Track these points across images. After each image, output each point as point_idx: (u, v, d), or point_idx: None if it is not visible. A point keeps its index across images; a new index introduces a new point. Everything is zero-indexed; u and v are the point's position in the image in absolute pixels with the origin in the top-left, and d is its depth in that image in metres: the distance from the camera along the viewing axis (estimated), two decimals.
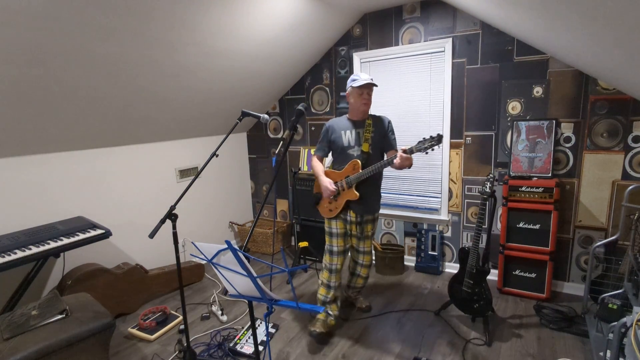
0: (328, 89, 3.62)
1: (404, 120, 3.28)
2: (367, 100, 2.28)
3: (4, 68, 1.79)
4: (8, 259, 1.92)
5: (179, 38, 2.27)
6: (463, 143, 3.05)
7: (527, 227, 2.68)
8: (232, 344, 2.28)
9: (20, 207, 2.38)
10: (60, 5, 1.66)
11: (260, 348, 2.25)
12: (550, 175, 2.67)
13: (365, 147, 2.30)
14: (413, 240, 3.44)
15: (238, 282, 1.41)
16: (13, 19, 1.61)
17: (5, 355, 1.61)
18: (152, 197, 3.18)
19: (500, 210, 2.86)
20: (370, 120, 2.33)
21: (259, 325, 2.51)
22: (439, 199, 3.24)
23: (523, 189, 2.64)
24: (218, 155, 2.04)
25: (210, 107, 3.24)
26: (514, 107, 2.82)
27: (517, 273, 2.79)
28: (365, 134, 2.31)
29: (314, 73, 3.66)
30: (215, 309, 2.72)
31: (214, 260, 1.39)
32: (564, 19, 1.71)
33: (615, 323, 1.51)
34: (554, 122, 2.66)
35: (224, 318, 2.64)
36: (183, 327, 2.36)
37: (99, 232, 2.34)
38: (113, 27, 1.92)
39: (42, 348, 1.69)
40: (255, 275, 1.31)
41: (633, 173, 2.53)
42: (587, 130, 2.62)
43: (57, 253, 2.12)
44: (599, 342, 2.06)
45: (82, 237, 2.25)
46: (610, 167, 2.58)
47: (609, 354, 1.68)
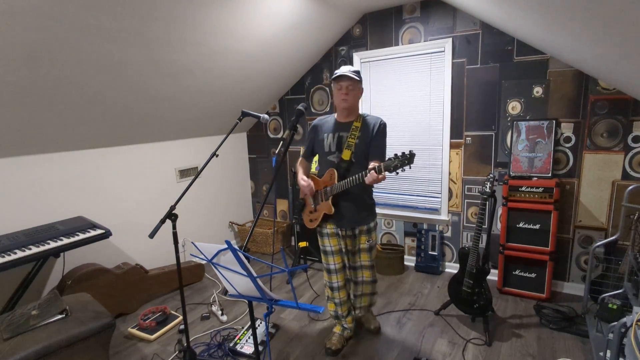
0: (328, 89, 3.62)
1: (404, 121, 3.27)
2: (345, 96, 1.95)
3: (4, 68, 1.79)
4: (8, 259, 1.92)
5: (179, 38, 2.27)
6: (463, 143, 3.05)
7: (527, 227, 2.68)
8: (232, 344, 2.28)
9: (20, 207, 2.38)
10: (60, 6, 1.66)
11: (260, 348, 2.25)
12: (550, 175, 2.67)
13: (346, 154, 2.00)
14: (413, 240, 3.43)
15: (238, 282, 1.41)
16: (13, 19, 1.61)
17: (5, 355, 1.61)
18: (152, 197, 3.18)
19: (500, 210, 2.86)
20: (359, 123, 2.02)
21: (259, 325, 2.51)
22: (439, 199, 3.24)
23: (523, 189, 2.64)
24: (218, 155, 2.04)
25: (210, 107, 3.24)
26: (514, 107, 2.82)
27: (517, 273, 2.79)
28: (349, 139, 2.00)
29: (314, 73, 3.66)
30: (215, 309, 2.72)
31: (214, 260, 1.38)
32: (564, 19, 1.71)
33: (615, 323, 1.51)
34: (554, 122, 2.66)
35: (224, 318, 2.64)
36: (183, 327, 2.36)
37: (99, 232, 2.34)
38: (113, 27, 1.92)
39: (42, 348, 1.69)
40: (255, 275, 1.31)
41: (633, 173, 2.53)
42: (587, 130, 2.62)
43: (57, 253, 2.12)
44: (599, 342, 2.06)
45: (82, 237, 2.25)
46: (610, 167, 2.58)
47: (609, 354, 1.68)
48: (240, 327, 2.54)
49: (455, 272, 2.49)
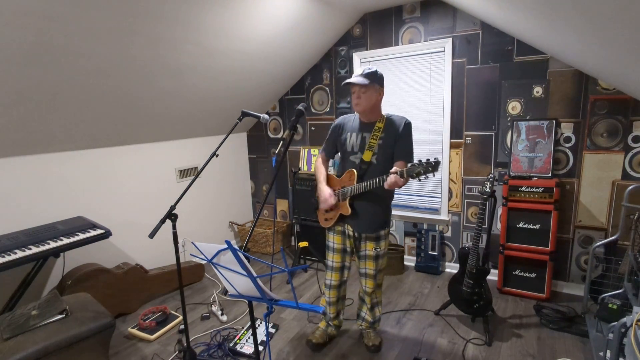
0: (328, 89, 3.62)
1: None
2: (357, 100, 1.94)
3: (5, 68, 1.79)
4: (8, 259, 1.92)
5: (180, 38, 2.27)
6: (463, 143, 3.05)
7: (527, 227, 2.68)
8: (232, 344, 2.28)
9: (20, 207, 2.38)
10: (62, 6, 1.66)
11: (260, 348, 2.25)
12: (550, 175, 2.67)
13: (367, 155, 1.96)
14: (413, 240, 3.43)
15: (238, 282, 1.41)
16: (14, 19, 1.61)
17: (5, 355, 1.61)
18: (152, 197, 3.18)
19: (500, 210, 2.86)
20: (382, 124, 1.96)
21: (259, 325, 2.51)
22: (439, 199, 3.24)
23: (523, 189, 2.64)
24: (218, 155, 2.04)
25: (210, 107, 3.24)
26: (514, 107, 2.82)
27: (517, 273, 2.79)
28: (371, 140, 1.96)
29: (314, 73, 3.66)
30: (215, 309, 2.72)
31: (214, 260, 1.38)
32: (564, 19, 1.71)
33: (615, 323, 1.51)
34: (554, 122, 2.66)
35: (224, 318, 2.64)
36: (183, 327, 2.36)
37: (99, 232, 2.34)
38: (113, 27, 1.92)
39: (42, 348, 1.69)
40: (255, 275, 1.31)
41: (633, 173, 2.53)
42: (587, 130, 2.62)
43: (57, 253, 2.12)
44: (599, 342, 2.06)
45: (82, 237, 2.25)
46: (610, 167, 2.58)
47: (609, 354, 1.68)
48: (240, 327, 2.54)
49: (455, 272, 2.49)
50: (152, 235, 1.73)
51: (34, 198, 2.44)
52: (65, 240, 2.18)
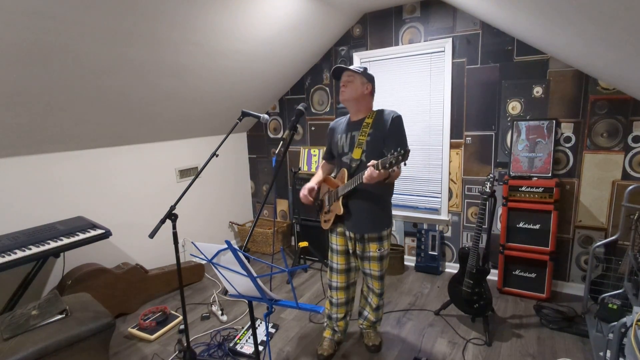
0: (328, 89, 3.62)
1: (404, 121, 3.26)
2: (342, 88, 1.90)
3: (5, 68, 1.79)
4: (8, 259, 1.92)
5: (180, 38, 2.27)
6: (463, 143, 3.05)
7: (527, 227, 2.68)
8: (232, 344, 2.28)
9: (20, 207, 2.38)
10: (62, 6, 1.66)
11: (260, 348, 2.25)
12: (550, 175, 2.66)
13: (357, 153, 1.91)
14: (413, 240, 3.43)
15: (238, 282, 1.41)
16: (14, 20, 1.61)
17: (5, 355, 1.61)
18: (152, 197, 3.18)
19: (500, 210, 2.86)
20: (370, 119, 1.92)
21: (259, 325, 2.51)
22: (439, 199, 3.24)
23: (523, 189, 2.64)
24: (218, 155, 2.04)
25: (210, 107, 3.24)
26: (514, 107, 2.82)
27: (517, 273, 2.79)
28: (360, 137, 1.91)
29: (314, 73, 3.66)
30: (215, 309, 2.72)
31: (214, 260, 1.38)
32: (564, 19, 1.71)
33: (615, 323, 1.51)
34: (554, 122, 2.66)
35: (224, 318, 2.64)
36: (183, 327, 2.36)
37: (99, 232, 2.34)
38: (113, 27, 1.92)
39: (42, 348, 1.69)
40: (255, 275, 1.31)
41: (633, 173, 2.53)
42: (587, 130, 2.62)
43: (57, 253, 2.12)
44: (599, 342, 2.06)
45: (82, 237, 2.25)
46: (610, 167, 2.58)
47: (609, 354, 1.68)
48: (240, 327, 2.54)
49: (455, 272, 2.49)
50: (152, 235, 1.73)
51: (34, 198, 2.44)
52: (65, 240, 2.18)
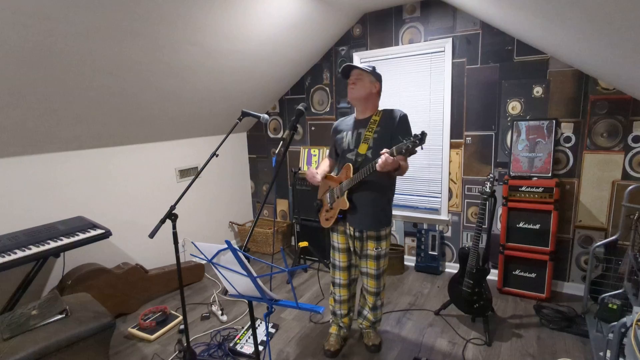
0: (328, 89, 3.62)
1: None
2: (352, 85, 1.94)
3: (5, 68, 1.79)
4: (8, 259, 1.92)
5: (180, 38, 2.27)
6: (463, 143, 3.05)
7: (527, 227, 2.68)
8: (232, 344, 2.28)
9: (20, 207, 2.38)
10: (58, 5, 1.66)
11: (260, 348, 2.25)
12: (550, 175, 2.66)
13: (363, 148, 1.93)
14: (413, 240, 3.43)
15: (238, 282, 1.41)
16: (14, 20, 1.61)
17: (5, 355, 1.61)
18: (152, 197, 3.18)
19: (500, 210, 2.86)
20: (378, 117, 1.94)
21: (259, 325, 2.51)
22: (439, 199, 3.24)
23: (523, 189, 2.64)
24: (218, 155, 2.03)
25: (211, 106, 3.24)
26: (514, 107, 2.82)
27: (517, 273, 2.79)
28: (367, 133, 1.94)
29: (314, 73, 3.66)
30: (215, 309, 2.72)
31: (214, 260, 1.38)
32: (564, 19, 1.71)
33: (615, 323, 1.51)
34: (554, 122, 2.66)
35: (224, 318, 2.64)
36: (183, 327, 2.36)
37: (99, 232, 2.34)
38: (113, 27, 1.92)
39: (42, 348, 1.69)
40: (255, 275, 1.31)
41: (633, 173, 2.53)
42: (587, 130, 2.62)
43: (57, 253, 2.12)
44: (599, 342, 2.06)
45: (82, 237, 2.25)
46: (610, 167, 2.58)
47: (609, 354, 1.68)
48: (240, 327, 2.54)
49: (455, 272, 2.49)
50: (152, 235, 1.72)
51: (34, 198, 2.44)
52: (65, 240, 2.18)
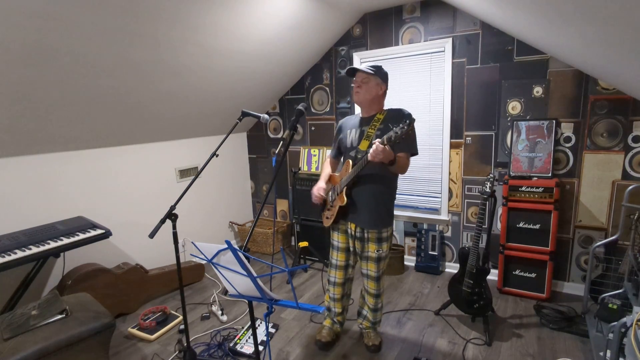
0: (328, 89, 3.62)
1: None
2: (357, 89, 1.94)
3: (5, 68, 1.79)
4: (8, 259, 1.92)
5: (180, 38, 2.27)
6: (463, 143, 3.05)
7: (527, 227, 2.68)
8: (232, 344, 2.28)
9: (20, 207, 2.38)
10: (58, 5, 1.66)
11: (260, 348, 2.25)
12: (550, 175, 2.66)
13: (364, 145, 1.93)
14: (413, 240, 3.43)
15: (238, 282, 1.41)
16: (12, 19, 1.61)
17: (5, 355, 1.61)
18: (152, 197, 3.18)
19: (500, 210, 2.86)
20: (382, 115, 1.95)
21: (259, 325, 2.51)
22: (439, 199, 3.24)
23: (523, 189, 2.64)
24: (218, 155, 2.04)
25: (211, 107, 3.24)
26: (514, 107, 2.82)
27: (517, 273, 2.79)
28: (369, 131, 1.94)
29: (314, 73, 3.66)
30: (215, 309, 2.72)
31: (214, 260, 1.38)
32: (565, 19, 1.71)
33: (615, 323, 1.51)
34: (554, 122, 2.66)
35: (224, 318, 2.64)
36: (183, 327, 2.36)
37: (99, 232, 2.34)
38: (113, 27, 1.92)
39: (42, 348, 1.69)
40: (255, 275, 1.31)
41: (633, 173, 2.53)
42: (587, 130, 2.62)
43: (57, 253, 2.12)
44: (599, 342, 2.06)
45: (82, 237, 2.25)
46: (610, 167, 2.58)
47: (609, 354, 1.68)
48: (240, 327, 2.54)
49: (455, 272, 2.49)
50: (152, 235, 1.73)
51: (34, 198, 2.44)
52: (65, 240, 2.18)
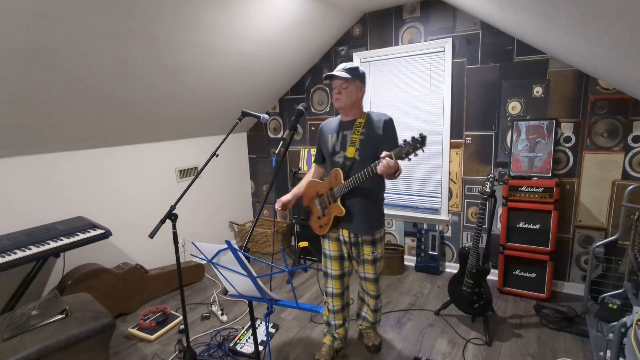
0: (328, 89, 3.62)
1: (404, 121, 3.27)
2: (337, 96, 1.89)
3: (6, 68, 1.79)
4: (8, 259, 1.92)
5: (180, 38, 2.27)
6: (463, 143, 3.05)
7: (527, 227, 2.68)
8: (232, 344, 2.28)
9: (20, 207, 2.38)
10: (59, 5, 1.66)
11: (260, 348, 2.25)
12: (550, 175, 2.66)
13: (350, 152, 1.91)
14: (413, 240, 3.43)
15: (238, 282, 1.41)
16: (12, 19, 1.61)
17: (5, 355, 1.61)
18: (152, 197, 3.18)
19: (500, 210, 2.86)
20: (363, 119, 1.93)
21: (259, 325, 2.51)
22: (439, 199, 3.24)
23: (523, 189, 2.64)
24: (218, 155, 2.04)
25: (210, 107, 3.24)
26: (514, 107, 2.82)
27: (517, 273, 2.79)
28: (353, 136, 1.92)
29: (314, 73, 3.66)
30: (215, 309, 2.72)
31: (214, 260, 1.38)
32: (565, 19, 1.71)
33: (615, 323, 1.51)
34: (554, 122, 2.66)
35: (224, 318, 2.64)
36: (183, 327, 2.36)
37: (99, 232, 2.34)
38: (113, 27, 1.92)
39: (42, 348, 1.69)
40: (255, 275, 1.31)
41: (633, 173, 2.53)
42: (587, 130, 2.62)
43: (57, 253, 2.12)
44: (599, 342, 2.06)
45: (82, 237, 2.25)
46: (610, 167, 2.58)
47: (609, 354, 1.68)
48: (240, 327, 2.54)
49: (455, 272, 2.49)
50: (152, 235, 1.73)
51: (34, 198, 2.44)
52: (65, 240, 2.19)
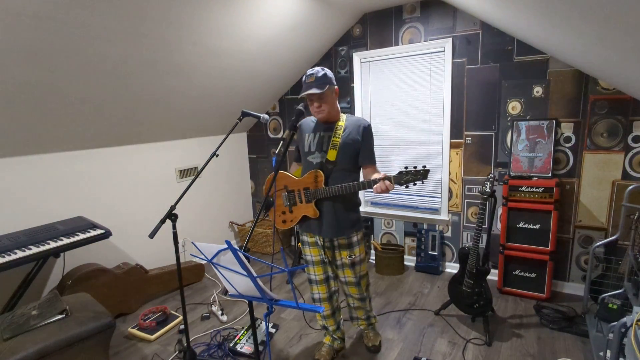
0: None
1: (404, 121, 3.27)
2: (317, 109, 1.84)
3: (4, 68, 1.79)
4: (8, 259, 1.92)
5: (179, 38, 2.27)
6: (463, 143, 3.05)
7: (527, 227, 2.68)
8: (232, 344, 2.28)
9: (20, 207, 2.38)
10: (59, 6, 1.66)
11: (260, 348, 2.25)
12: (550, 175, 2.67)
13: (332, 154, 1.87)
14: (413, 240, 3.43)
15: (238, 282, 1.41)
16: (12, 20, 1.61)
17: (5, 355, 1.61)
18: (152, 197, 3.18)
19: (500, 210, 2.86)
20: (343, 122, 1.91)
21: (259, 325, 2.51)
22: (439, 199, 3.24)
23: (523, 189, 2.64)
24: (218, 155, 2.04)
25: (211, 107, 3.24)
26: (514, 107, 2.82)
27: (517, 273, 2.79)
28: (334, 139, 1.87)
29: None
30: (215, 309, 2.72)
31: (214, 260, 1.38)
32: (564, 19, 1.71)
33: (615, 323, 1.51)
34: (554, 122, 2.66)
35: (224, 318, 2.64)
36: (183, 327, 2.36)
37: (99, 232, 2.34)
38: (112, 27, 1.93)
39: (42, 348, 1.69)
40: (255, 275, 1.31)
41: (633, 173, 2.53)
42: (587, 130, 2.62)
43: (57, 253, 2.12)
44: (599, 342, 2.06)
45: (82, 237, 2.25)
46: (610, 167, 2.58)
47: (609, 354, 1.68)
48: (240, 327, 2.54)
49: (455, 272, 2.49)
50: (152, 235, 1.73)
51: (34, 198, 2.44)
52: (65, 240, 2.19)
